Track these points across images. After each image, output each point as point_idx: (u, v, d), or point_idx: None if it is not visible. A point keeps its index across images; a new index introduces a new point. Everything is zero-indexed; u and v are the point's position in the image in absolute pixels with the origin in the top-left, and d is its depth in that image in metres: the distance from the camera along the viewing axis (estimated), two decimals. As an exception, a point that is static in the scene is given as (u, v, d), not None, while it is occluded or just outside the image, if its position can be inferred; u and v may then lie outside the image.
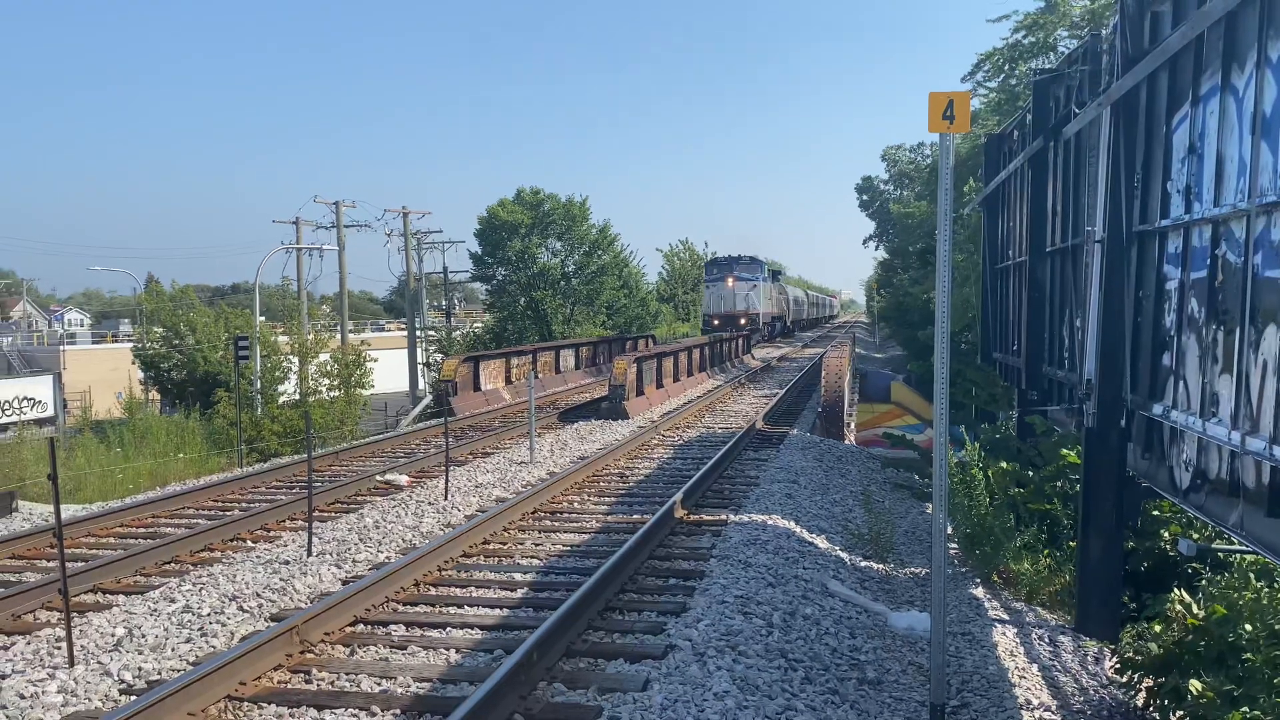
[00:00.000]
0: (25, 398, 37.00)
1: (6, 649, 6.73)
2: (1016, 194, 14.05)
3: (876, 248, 64.90)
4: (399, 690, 6.13)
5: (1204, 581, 7.83)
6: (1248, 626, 6.08)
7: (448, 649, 6.82)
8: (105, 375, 45.97)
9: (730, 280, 45.98)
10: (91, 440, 21.86)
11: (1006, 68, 25.83)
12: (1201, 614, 6.40)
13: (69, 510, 11.91)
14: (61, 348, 58.69)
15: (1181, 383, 6.72)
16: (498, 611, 7.66)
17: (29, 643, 6.79)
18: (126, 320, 76.99)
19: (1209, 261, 6.20)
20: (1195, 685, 5.85)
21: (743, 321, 44.59)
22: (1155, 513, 9.59)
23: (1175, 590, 6.99)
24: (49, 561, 9.39)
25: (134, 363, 33.02)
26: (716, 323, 44.79)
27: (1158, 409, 7.18)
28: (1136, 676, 6.85)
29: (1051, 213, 11.73)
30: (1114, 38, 8.57)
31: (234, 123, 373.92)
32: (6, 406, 35.42)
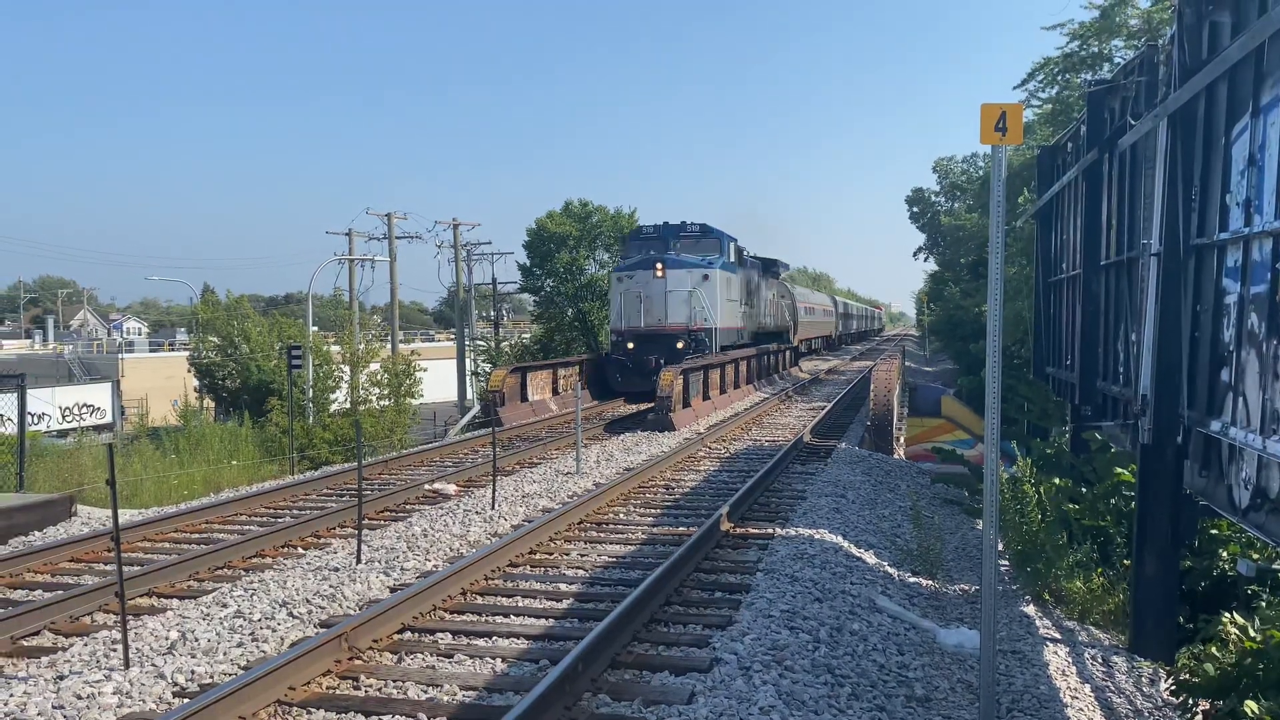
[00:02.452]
0: (85, 404, 37.84)
1: (65, 650, 6.88)
2: (1070, 207, 13.85)
3: (926, 259, 64.34)
4: (445, 698, 6.17)
5: (1263, 603, 7.65)
6: None
7: (494, 658, 6.85)
8: (162, 383, 46.92)
9: (659, 270, 25.42)
10: (148, 446, 22.28)
11: (1061, 78, 25.50)
12: (1259, 637, 6.24)
13: (125, 515, 12.15)
14: (120, 356, 59.93)
15: (1241, 399, 6.58)
16: (543, 621, 7.69)
17: (86, 644, 6.93)
18: (183, 329, 78.52)
19: (1269, 275, 6.06)
20: (1251, 707, 5.71)
21: (680, 345, 24.97)
22: (1213, 531, 9.39)
23: (1227, 613, 6.83)
24: (106, 565, 9.59)
25: (189, 371, 33.64)
26: (631, 346, 25.30)
27: (1215, 425, 7.03)
28: (1192, 699, 6.70)
29: (1106, 225, 11.55)
30: (1171, 48, 8.44)
31: (288, 135, 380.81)
32: (67, 413, 36.24)
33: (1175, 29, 8.09)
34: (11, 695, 5.99)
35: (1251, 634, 6.31)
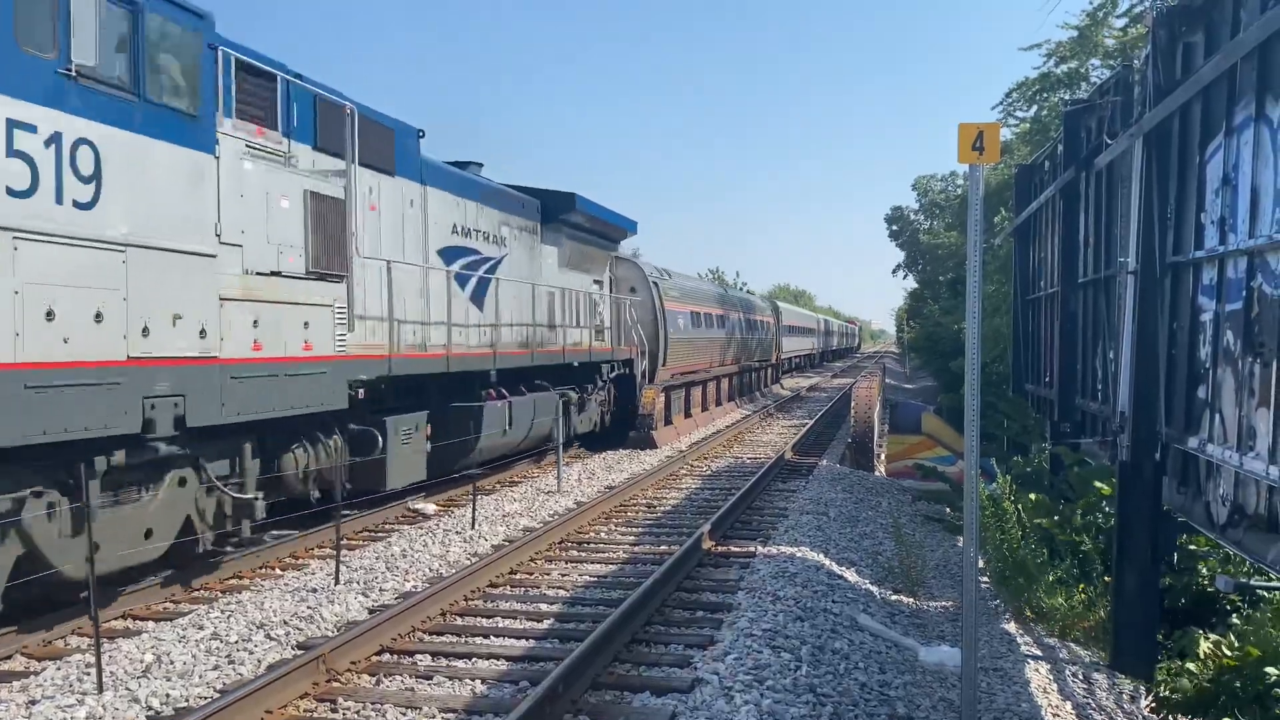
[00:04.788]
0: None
1: (37, 674, 6.78)
2: (1048, 225, 13.96)
3: (905, 277, 64.75)
4: (424, 721, 6.11)
5: (1237, 619, 7.68)
6: (1270, 669, 5.96)
7: (473, 680, 6.80)
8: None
9: None
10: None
11: (1039, 98, 25.73)
12: (1231, 654, 6.27)
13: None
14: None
15: (1217, 416, 6.62)
16: (524, 642, 7.63)
17: (59, 668, 6.83)
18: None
19: (1244, 293, 6.11)
20: None
21: None
22: (1191, 547, 9.42)
23: (1199, 630, 6.88)
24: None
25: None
26: None
27: (1193, 442, 7.07)
28: (1172, 716, 6.71)
29: (1083, 244, 11.64)
30: (1146, 68, 8.53)
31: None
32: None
33: (1149, 49, 8.18)
34: (-19, 721, 5.88)
35: (1224, 650, 6.33)
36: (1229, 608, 8.63)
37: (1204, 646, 6.46)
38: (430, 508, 13.21)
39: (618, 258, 22.30)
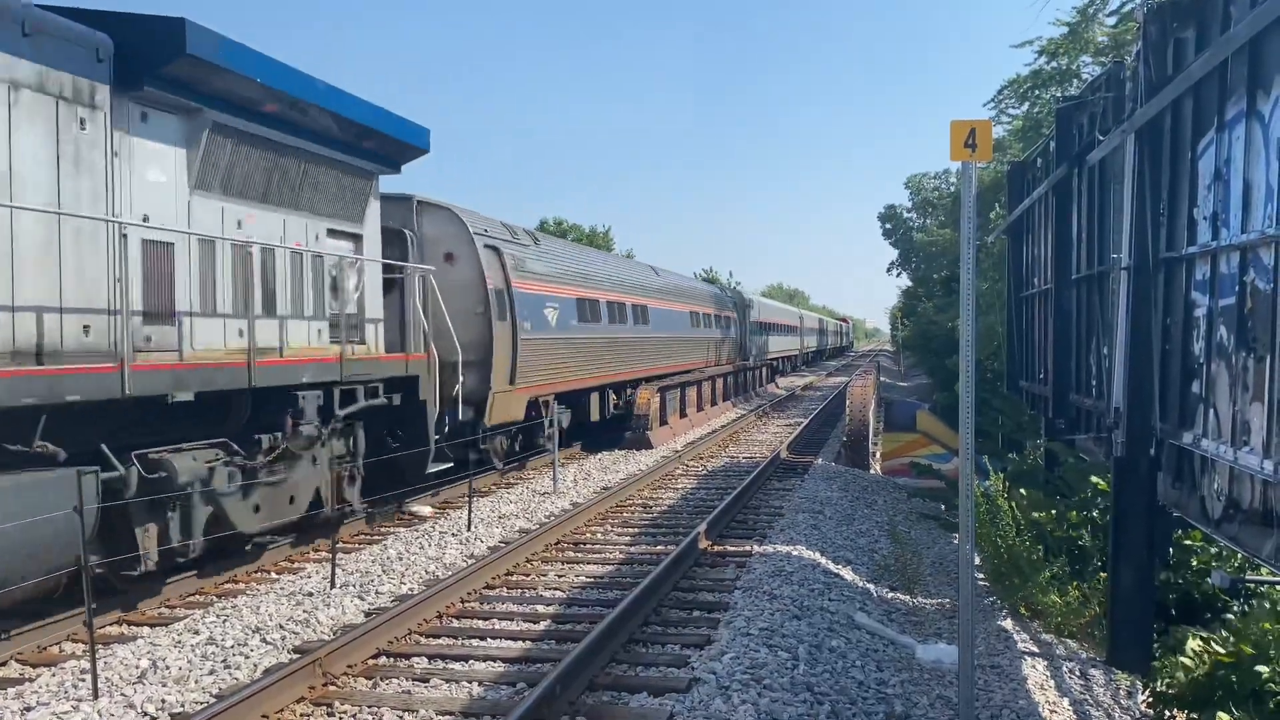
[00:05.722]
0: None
1: (32, 680, 6.75)
2: (1041, 222, 13.96)
3: (898, 275, 64.82)
4: (421, 724, 6.09)
5: (1232, 615, 7.69)
6: (1261, 668, 5.97)
7: (470, 681, 6.79)
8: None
9: None
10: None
11: (1031, 94, 25.74)
12: (1225, 651, 6.28)
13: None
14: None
15: (1212, 411, 6.62)
16: (520, 644, 7.62)
17: (54, 674, 6.81)
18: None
19: (1237, 288, 6.12)
20: (1223, 717, 5.74)
21: None
22: (1187, 542, 9.44)
23: (1191, 628, 6.89)
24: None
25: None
26: None
27: (1188, 437, 7.07)
28: (1170, 712, 6.71)
29: (1076, 240, 11.64)
30: (1137, 64, 8.53)
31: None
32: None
33: (1141, 45, 8.18)
34: (-24, 728, 5.85)
35: (1216, 647, 6.34)
36: (1222, 604, 8.65)
37: (1193, 644, 6.47)
38: (426, 510, 13.20)
39: (423, 203, 14.01)
